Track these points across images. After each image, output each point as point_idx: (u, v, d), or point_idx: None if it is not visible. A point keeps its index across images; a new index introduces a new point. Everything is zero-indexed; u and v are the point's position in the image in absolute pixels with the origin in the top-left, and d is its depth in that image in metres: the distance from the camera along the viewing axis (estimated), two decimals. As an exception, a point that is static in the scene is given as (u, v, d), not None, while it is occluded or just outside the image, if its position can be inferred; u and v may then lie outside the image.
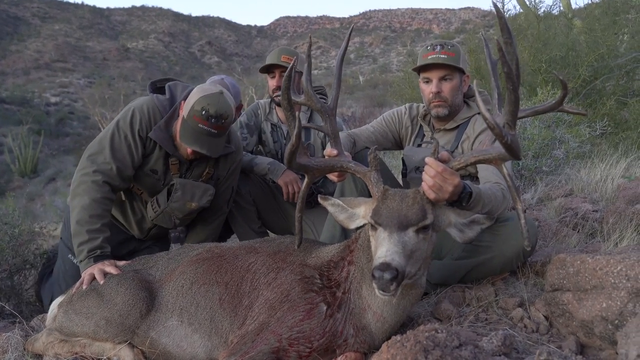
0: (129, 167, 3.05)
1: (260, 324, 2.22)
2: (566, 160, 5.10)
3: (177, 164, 3.19)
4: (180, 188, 3.19)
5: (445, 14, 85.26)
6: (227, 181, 3.47)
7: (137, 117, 3.06)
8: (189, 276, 2.51)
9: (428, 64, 3.00)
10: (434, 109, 3.06)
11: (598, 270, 2.04)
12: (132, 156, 3.05)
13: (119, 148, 3.02)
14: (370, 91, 29.94)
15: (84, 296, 2.57)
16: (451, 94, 3.02)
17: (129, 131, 3.04)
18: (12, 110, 38.13)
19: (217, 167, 3.36)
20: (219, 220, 3.59)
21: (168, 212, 3.27)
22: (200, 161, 3.26)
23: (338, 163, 2.36)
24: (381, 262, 1.90)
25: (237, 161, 3.48)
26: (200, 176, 3.30)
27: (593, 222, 3.57)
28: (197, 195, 3.24)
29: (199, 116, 2.88)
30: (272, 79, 4.00)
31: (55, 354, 2.54)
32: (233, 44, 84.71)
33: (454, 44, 3.04)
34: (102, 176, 2.95)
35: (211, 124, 2.90)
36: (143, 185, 3.27)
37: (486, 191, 2.36)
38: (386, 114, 3.41)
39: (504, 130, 1.92)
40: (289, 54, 3.93)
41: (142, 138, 3.07)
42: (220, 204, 3.51)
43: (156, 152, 3.15)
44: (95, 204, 2.91)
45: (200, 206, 3.28)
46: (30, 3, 78.52)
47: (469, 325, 2.44)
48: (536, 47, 6.79)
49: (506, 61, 1.90)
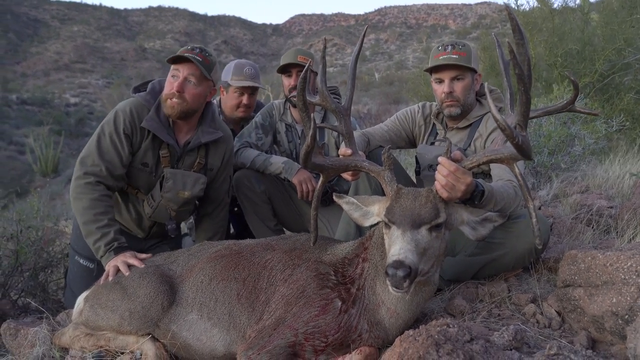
0: (118, 166, 3.14)
1: (277, 319, 2.29)
2: (582, 156, 5.08)
3: (167, 156, 3.27)
4: (171, 177, 3.25)
5: (462, 9, 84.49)
6: (224, 171, 3.54)
7: (121, 117, 3.15)
8: (208, 272, 2.59)
9: (440, 65, 3.03)
10: (447, 108, 3.09)
11: (608, 266, 2.06)
12: (119, 155, 3.14)
13: (106, 149, 3.12)
14: (386, 88, 29.87)
15: (108, 290, 2.67)
16: (463, 93, 3.04)
17: (114, 131, 3.13)
18: (33, 111, 38.88)
19: (207, 157, 3.43)
20: (224, 213, 3.67)
21: (163, 204, 3.33)
22: (190, 151, 3.34)
23: (352, 162, 2.41)
24: (394, 260, 1.94)
25: (230, 150, 3.56)
26: (192, 166, 3.38)
27: (608, 219, 3.57)
28: (188, 184, 3.30)
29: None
30: (288, 78, 4.06)
31: (81, 347, 2.64)
32: (249, 43, 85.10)
33: (465, 44, 3.06)
34: (94, 177, 3.07)
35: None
36: (137, 181, 3.34)
37: (498, 189, 2.39)
38: (399, 112, 3.45)
39: (515, 131, 1.95)
40: (305, 55, 4.01)
41: (128, 135, 3.16)
42: (221, 195, 3.58)
43: (145, 144, 3.22)
44: (96, 203, 3.02)
45: (194, 195, 3.33)
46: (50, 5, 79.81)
47: (481, 320, 2.48)
48: (551, 42, 6.73)
49: (518, 63, 1.93)
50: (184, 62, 3.12)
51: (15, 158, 28.41)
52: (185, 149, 3.32)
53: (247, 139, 4.03)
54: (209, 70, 3.18)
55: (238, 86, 4.21)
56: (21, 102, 41.17)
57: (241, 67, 4.26)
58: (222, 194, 3.58)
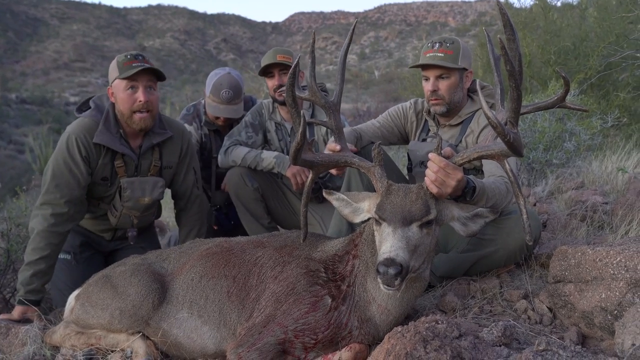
0: (75, 188, 3.16)
1: (267, 316, 2.28)
2: (577, 152, 5.07)
3: (122, 165, 3.30)
4: (128, 187, 3.29)
5: (461, 7, 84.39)
6: (184, 165, 3.57)
7: (73, 141, 3.15)
8: (199, 270, 2.58)
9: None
10: (432, 106, 3.06)
11: (598, 262, 2.06)
12: (75, 178, 3.15)
13: (60, 175, 3.13)
14: (385, 86, 29.84)
15: (99, 288, 2.66)
16: (448, 92, 2.99)
17: (68, 157, 3.14)
18: (32, 110, 38.87)
19: (162, 158, 3.45)
20: (197, 206, 3.69)
21: (125, 213, 3.39)
22: (145, 155, 3.37)
23: (342, 158, 2.40)
24: (385, 258, 1.93)
25: (186, 143, 3.57)
26: (149, 170, 3.41)
27: (602, 215, 3.56)
28: (147, 189, 3.35)
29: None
30: (271, 78, 4.03)
31: (71, 346, 2.64)
32: (248, 41, 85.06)
33: (454, 40, 3.00)
34: (51, 208, 3.11)
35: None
36: (100, 197, 3.38)
37: (490, 185, 2.38)
38: (391, 109, 3.42)
39: (505, 128, 1.93)
40: (284, 53, 3.99)
41: (86, 157, 3.17)
42: (189, 188, 3.62)
43: (101, 160, 3.24)
44: (44, 241, 3.08)
45: (154, 199, 3.40)
46: (49, 4, 79.74)
47: (472, 317, 2.47)
48: (545, 39, 6.71)
49: (509, 59, 1.92)
50: (138, 74, 3.13)
51: (14, 157, 28.38)
52: (140, 153, 3.35)
53: (237, 137, 4.03)
54: (158, 73, 3.25)
55: (211, 113, 4.23)
56: (20, 101, 41.20)
57: (219, 88, 4.12)
58: (189, 187, 3.62)
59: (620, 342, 1.71)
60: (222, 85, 4.11)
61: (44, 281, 3.12)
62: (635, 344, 1.65)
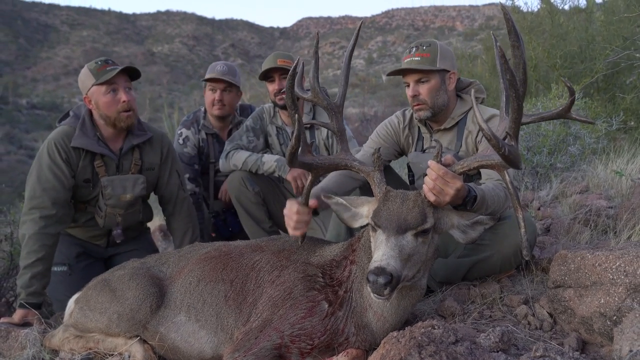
0: (60, 190, 3.23)
1: (264, 320, 2.27)
2: (582, 156, 5.02)
3: (102, 165, 3.37)
4: (108, 184, 3.37)
5: (469, 11, 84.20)
6: (167, 167, 3.63)
7: (54, 146, 3.25)
8: (197, 274, 2.58)
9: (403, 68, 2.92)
10: (416, 112, 2.98)
11: (597, 267, 2.03)
12: (60, 181, 3.23)
13: (45, 179, 3.21)
14: (393, 90, 29.78)
15: (97, 292, 2.67)
16: (430, 95, 2.90)
17: (50, 161, 3.23)
18: (42, 116, 39.29)
19: (142, 157, 3.52)
20: (186, 209, 3.74)
21: (109, 212, 3.44)
22: (125, 156, 3.45)
23: (342, 161, 2.39)
24: (376, 267, 1.91)
25: (167, 146, 3.66)
26: (130, 170, 3.48)
27: (606, 219, 3.52)
28: (128, 186, 3.43)
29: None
30: (271, 83, 4.08)
31: (70, 349, 2.64)
32: (256, 46, 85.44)
33: (431, 43, 2.93)
34: (39, 212, 3.17)
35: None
36: (85, 200, 3.44)
37: (489, 192, 2.34)
38: (379, 128, 3.28)
39: (501, 141, 1.89)
40: (284, 57, 4.04)
41: (66, 160, 3.26)
42: (174, 191, 3.68)
43: (81, 162, 3.32)
44: (38, 243, 3.13)
45: (136, 195, 3.46)
46: (59, 11, 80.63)
47: (472, 322, 2.44)
48: (551, 43, 6.67)
49: (509, 68, 1.87)
50: (115, 77, 3.23)
51: (25, 162, 28.66)
52: (121, 153, 3.42)
53: (238, 141, 4.04)
54: (132, 72, 3.36)
55: (207, 78, 4.36)
56: (31, 106, 41.66)
57: (214, 65, 4.45)
58: (174, 191, 3.67)
59: (619, 349, 1.68)
60: (216, 64, 4.48)
61: (44, 283, 3.15)
62: (632, 351, 1.62)
